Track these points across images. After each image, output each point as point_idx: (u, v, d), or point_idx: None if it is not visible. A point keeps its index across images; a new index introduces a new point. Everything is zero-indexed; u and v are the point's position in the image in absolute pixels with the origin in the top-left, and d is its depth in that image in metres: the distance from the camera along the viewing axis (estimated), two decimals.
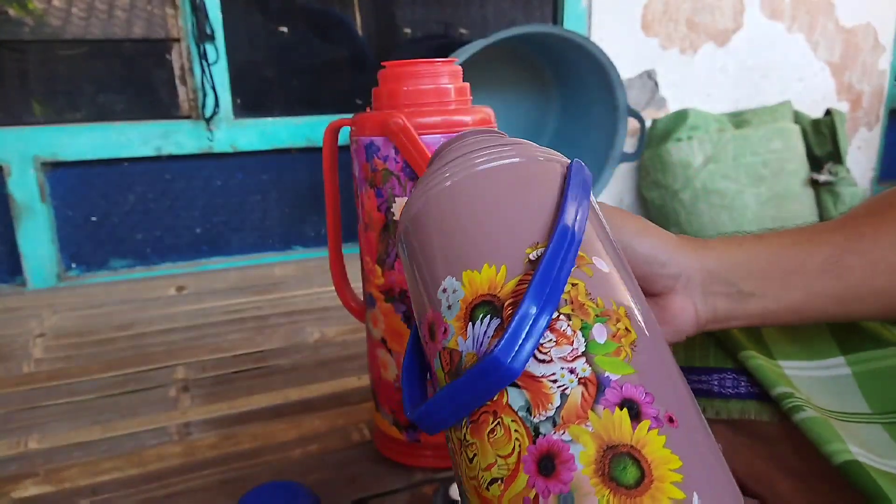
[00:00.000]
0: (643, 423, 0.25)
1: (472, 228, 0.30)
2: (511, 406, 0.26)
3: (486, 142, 0.34)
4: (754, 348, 0.43)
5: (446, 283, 0.30)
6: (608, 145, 1.42)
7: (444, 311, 0.30)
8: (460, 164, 0.33)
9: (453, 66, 0.54)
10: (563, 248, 0.28)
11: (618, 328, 0.28)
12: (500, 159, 0.32)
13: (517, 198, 0.31)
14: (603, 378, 0.26)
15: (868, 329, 0.43)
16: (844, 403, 0.41)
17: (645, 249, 0.36)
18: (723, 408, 0.44)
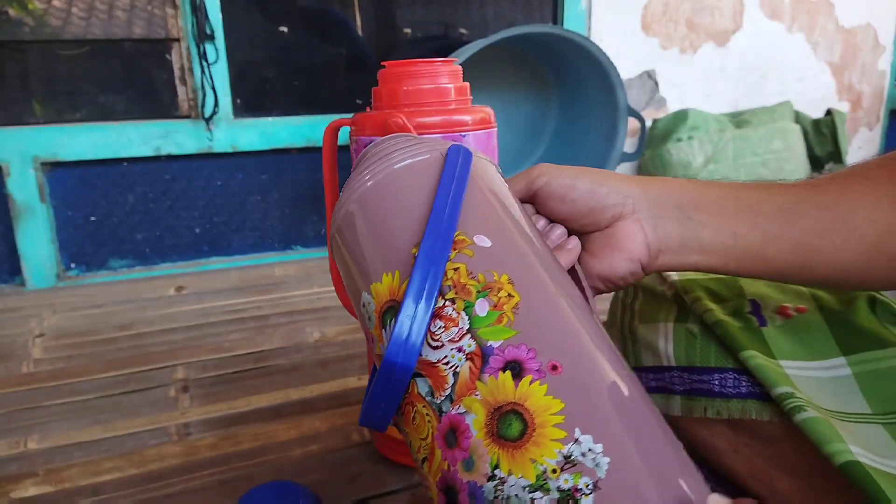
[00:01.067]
0: (525, 379, 0.28)
1: (370, 245, 0.33)
2: (420, 394, 0.29)
3: (377, 153, 0.36)
4: (755, 348, 0.43)
5: (363, 298, 0.33)
6: (608, 145, 1.42)
7: (368, 323, 0.33)
8: (355, 183, 0.35)
9: (453, 65, 0.54)
10: (435, 240, 0.30)
11: (499, 297, 0.30)
12: (383, 170, 0.34)
13: (402, 203, 0.33)
14: (486, 348, 0.29)
15: (869, 330, 0.43)
16: (845, 403, 0.41)
17: (584, 185, 0.38)
18: (723, 407, 0.44)
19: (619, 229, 0.38)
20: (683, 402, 0.47)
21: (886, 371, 0.41)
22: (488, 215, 0.34)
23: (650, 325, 0.50)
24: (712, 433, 0.47)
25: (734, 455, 0.46)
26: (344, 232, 0.35)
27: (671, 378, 0.48)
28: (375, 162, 0.36)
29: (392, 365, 0.28)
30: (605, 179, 0.38)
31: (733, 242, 0.38)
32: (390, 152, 0.36)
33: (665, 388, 0.49)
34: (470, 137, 0.53)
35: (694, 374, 0.46)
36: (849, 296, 0.46)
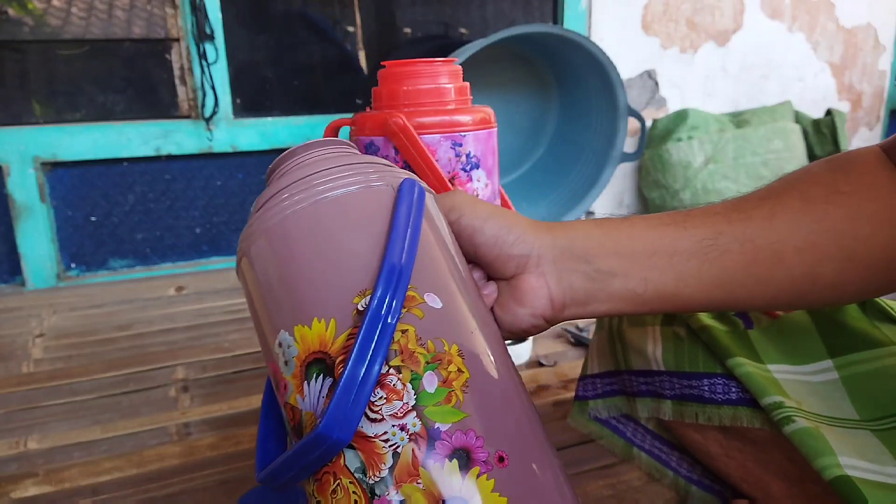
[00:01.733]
0: (472, 471, 0.25)
1: (299, 278, 0.29)
2: (348, 467, 0.26)
3: (317, 164, 0.32)
4: (742, 353, 0.43)
5: (280, 337, 0.29)
6: (608, 145, 1.42)
7: (282, 366, 0.29)
8: (289, 195, 0.30)
9: (453, 65, 0.54)
10: (388, 297, 0.26)
11: (449, 372, 0.27)
12: (330, 190, 0.30)
13: (344, 238, 0.29)
14: (433, 430, 0.26)
15: (858, 329, 0.43)
16: (834, 408, 0.40)
17: (492, 231, 0.35)
18: (714, 414, 0.44)
19: (523, 282, 0.36)
20: (674, 407, 0.47)
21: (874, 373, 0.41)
22: (439, 269, 0.30)
23: (638, 328, 0.50)
24: (705, 438, 0.47)
25: (727, 459, 0.46)
26: (261, 256, 0.30)
27: (661, 383, 0.48)
28: (305, 180, 0.31)
29: (326, 438, 0.25)
30: (513, 225, 0.36)
31: (643, 289, 0.36)
32: (324, 170, 0.31)
33: (655, 392, 0.48)
34: (470, 137, 0.53)
35: (683, 380, 0.46)
36: None
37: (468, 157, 0.53)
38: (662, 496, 0.54)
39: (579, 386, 0.56)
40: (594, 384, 0.55)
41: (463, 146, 0.52)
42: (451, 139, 0.52)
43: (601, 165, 1.44)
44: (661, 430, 0.53)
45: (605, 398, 0.54)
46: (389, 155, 0.52)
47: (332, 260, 0.28)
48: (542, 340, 0.90)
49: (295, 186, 0.30)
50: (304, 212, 0.29)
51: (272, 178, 0.34)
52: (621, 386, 0.53)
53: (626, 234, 0.36)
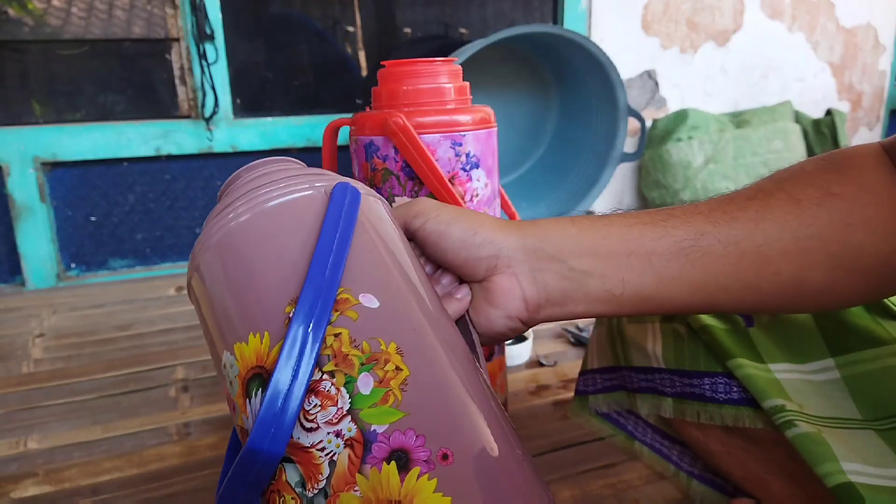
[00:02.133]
0: (412, 472, 0.24)
1: (236, 294, 0.28)
2: (289, 483, 0.25)
3: (252, 182, 0.32)
4: (742, 353, 0.43)
5: (225, 358, 0.28)
6: (608, 145, 1.42)
7: (230, 387, 0.28)
8: (224, 215, 0.30)
9: (453, 65, 0.54)
10: (314, 299, 0.26)
11: (386, 371, 0.26)
12: (259, 205, 0.29)
13: (273, 249, 0.28)
14: (369, 434, 0.25)
15: (859, 326, 0.42)
16: (836, 409, 0.40)
17: (458, 234, 0.34)
18: (716, 413, 0.44)
19: (495, 284, 0.35)
20: (675, 405, 0.47)
21: (877, 372, 0.41)
22: (377, 269, 0.29)
23: (637, 324, 0.50)
24: (706, 435, 0.47)
25: (728, 458, 0.46)
26: (203, 279, 0.29)
27: (661, 380, 0.47)
28: (242, 196, 0.30)
29: (256, 452, 0.24)
30: (478, 227, 0.35)
31: (621, 290, 0.35)
32: (261, 185, 0.31)
33: (655, 389, 0.48)
34: (469, 137, 0.53)
35: (684, 378, 0.46)
36: None
37: (468, 156, 0.53)
38: (662, 495, 0.54)
39: (579, 381, 0.56)
40: (594, 379, 0.55)
41: (463, 146, 0.52)
42: (450, 139, 0.52)
43: (601, 165, 1.44)
44: (662, 425, 0.53)
45: (605, 393, 0.54)
46: (389, 155, 0.52)
47: (264, 271, 0.28)
48: (541, 340, 0.90)
49: (236, 202, 0.30)
50: (242, 224, 0.29)
51: (220, 199, 0.34)
52: (621, 382, 0.53)
53: (602, 234, 0.35)
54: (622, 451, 0.54)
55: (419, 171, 0.51)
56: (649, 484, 0.56)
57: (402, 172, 0.52)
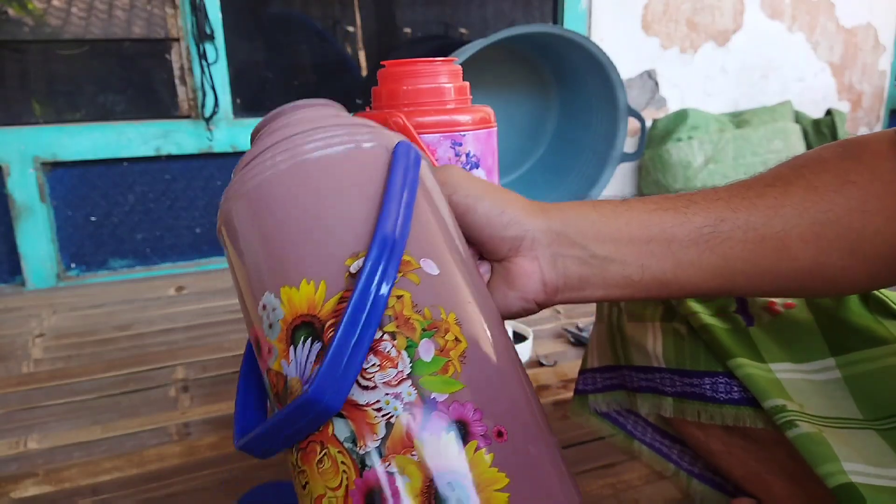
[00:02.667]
0: (470, 445, 0.24)
1: (287, 238, 0.27)
2: (337, 437, 0.25)
3: (304, 123, 0.31)
4: (742, 353, 0.43)
5: (265, 299, 0.27)
6: (608, 145, 1.42)
7: (266, 329, 0.27)
8: (273, 154, 0.29)
9: (453, 65, 0.54)
10: (383, 260, 0.25)
11: (446, 340, 0.26)
12: (318, 149, 0.28)
13: (336, 199, 0.27)
14: (429, 401, 0.24)
15: (860, 326, 0.42)
16: (837, 409, 0.40)
17: (484, 210, 0.34)
18: (717, 413, 0.44)
19: (515, 266, 0.34)
20: (675, 404, 0.47)
21: (878, 372, 0.41)
22: (436, 236, 0.29)
23: (638, 323, 0.50)
24: (706, 435, 0.47)
25: (728, 457, 0.46)
26: (244, 218, 0.28)
27: (661, 379, 0.47)
28: (301, 135, 0.29)
29: (313, 403, 0.24)
30: (506, 206, 0.34)
31: (640, 275, 0.35)
32: (314, 129, 0.30)
33: (655, 388, 0.48)
34: (469, 137, 0.53)
35: (685, 377, 0.46)
36: None
37: (468, 156, 0.53)
38: (662, 495, 0.54)
39: (579, 380, 0.56)
40: (594, 378, 0.54)
41: (463, 146, 0.52)
42: (450, 139, 0.52)
43: (601, 165, 1.44)
44: (662, 424, 0.53)
45: (605, 392, 0.54)
46: None
47: (321, 222, 0.27)
48: (542, 340, 0.90)
49: (279, 146, 0.29)
50: (289, 172, 0.28)
51: (257, 138, 0.32)
52: (621, 381, 0.53)
53: (624, 219, 0.35)
54: (622, 451, 0.54)
55: None
56: (649, 484, 0.56)
57: None
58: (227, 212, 0.30)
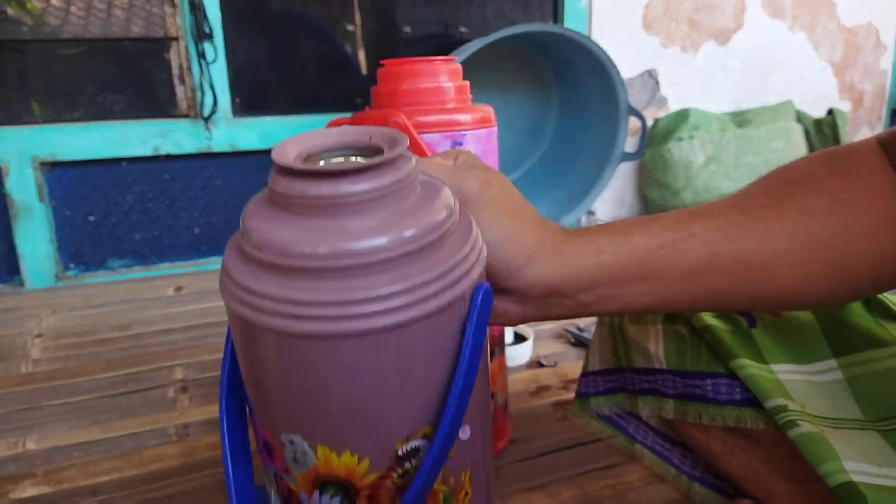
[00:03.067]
0: None
1: (345, 404, 0.24)
2: None
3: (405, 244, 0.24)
4: (745, 354, 0.43)
5: (295, 439, 0.25)
6: (609, 145, 1.42)
7: (289, 457, 0.25)
8: (358, 301, 0.23)
9: (453, 64, 0.54)
10: (440, 457, 0.24)
11: (459, 500, 0.27)
12: (403, 311, 0.23)
13: (404, 376, 0.24)
14: None
15: (862, 328, 0.42)
16: (838, 409, 0.40)
17: (495, 260, 0.33)
18: (718, 414, 0.44)
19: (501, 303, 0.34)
20: (677, 406, 0.47)
21: (879, 373, 0.41)
22: (478, 395, 0.27)
23: (639, 325, 0.50)
24: (707, 436, 0.47)
25: (730, 458, 0.46)
26: (303, 351, 0.24)
27: (663, 381, 0.47)
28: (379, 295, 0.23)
29: None
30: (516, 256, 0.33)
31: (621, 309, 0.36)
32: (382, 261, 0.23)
33: (657, 390, 0.48)
34: (470, 136, 0.52)
35: (686, 379, 0.46)
36: None
37: None
38: (663, 497, 0.54)
39: (581, 383, 0.56)
40: (596, 381, 0.54)
41: (463, 145, 0.52)
42: (451, 138, 0.52)
43: (602, 165, 1.43)
44: (663, 427, 0.53)
45: (607, 395, 0.54)
46: None
47: (384, 401, 0.24)
48: (542, 341, 0.90)
49: (360, 288, 0.23)
50: (367, 335, 0.23)
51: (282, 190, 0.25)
52: (623, 384, 0.53)
53: (622, 261, 0.35)
54: (623, 454, 0.54)
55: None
56: (650, 485, 0.56)
57: None
58: (283, 327, 0.24)
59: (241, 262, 0.26)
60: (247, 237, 0.26)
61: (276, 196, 0.25)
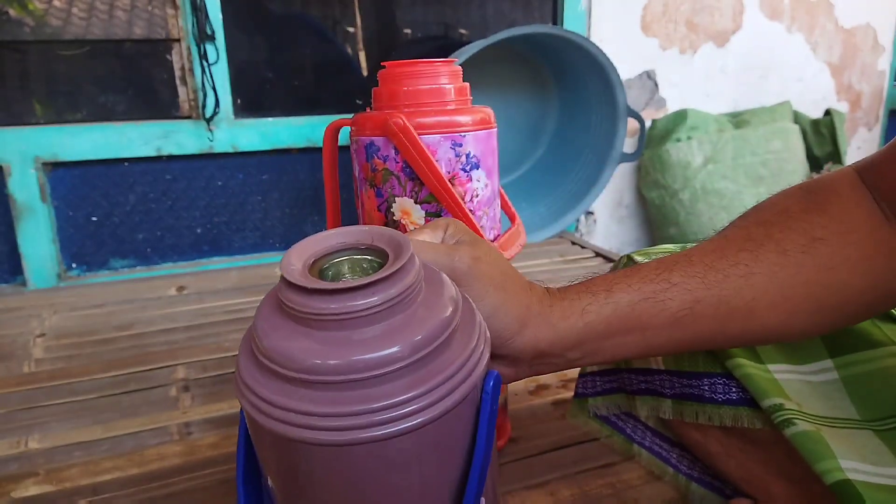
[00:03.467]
0: None
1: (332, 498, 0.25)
2: None
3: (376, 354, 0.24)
4: (741, 354, 0.43)
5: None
6: (608, 145, 1.42)
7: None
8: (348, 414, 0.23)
9: (453, 66, 0.55)
10: None
11: None
12: (408, 417, 0.23)
13: (422, 474, 0.25)
14: None
15: (858, 329, 0.43)
16: (835, 409, 0.41)
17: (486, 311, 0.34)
18: (715, 414, 0.44)
19: (493, 366, 0.35)
20: (674, 406, 0.47)
21: (874, 373, 0.41)
22: (490, 475, 0.28)
23: None
24: (705, 437, 0.47)
25: (727, 458, 0.46)
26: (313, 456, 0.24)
27: (660, 381, 0.48)
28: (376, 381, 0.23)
29: None
30: (507, 327, 0.34)
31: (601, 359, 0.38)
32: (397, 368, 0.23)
33: (655, 390, 0.48)
34: (470, 137, 0.53)
35: (683, 378, 0.46)
36: None
37: (468, 157, 0.53)
38: (662, 496, 0.55)
39: (579, 383, 0.56)
40: (594, 382, 0.55)
41: (463, 146, 0.53)
42: (451, 139, 0.52)
43: (601, 165, 1.44)
44: (661, 428, 0.53)
45: (604, 396, 0.54)
46: (389, 155, 0.53)
47: (395, 494, 0.25)
48: None
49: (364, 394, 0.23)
50: (387, 439, 0.23)
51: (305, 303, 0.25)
52: (620, 384, 0.53)
53: (605, 321, 0.36)
54: (620, 455, 0.54)
55: (419, 172, 0.51)
56: (649, 484, 0.56)
57: (402, 173, 0.53)
58: (293, 435, 0.24)
59: (251, 364, 0.26)
60: (258, 344, 0.26)
61: (285, 308, 0.25)
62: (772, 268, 0.36)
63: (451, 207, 0.52)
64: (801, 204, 0.39)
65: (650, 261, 0.39)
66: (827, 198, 0.38)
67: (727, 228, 0.40)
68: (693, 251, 0.38)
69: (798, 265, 0.36)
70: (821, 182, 0.39)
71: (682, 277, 0.37)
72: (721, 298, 0.36)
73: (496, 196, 0.57)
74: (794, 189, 0.40)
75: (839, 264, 0.36)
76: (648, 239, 1.73)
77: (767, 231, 0.38)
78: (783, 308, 0.36)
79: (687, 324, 0.36)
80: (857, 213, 0.37)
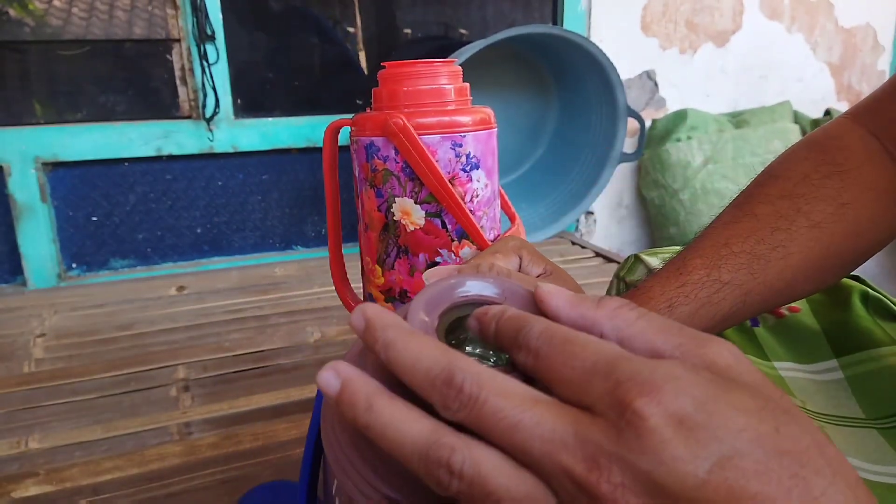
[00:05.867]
0: None
1: None
2: None
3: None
4: (748, 350, 0.43)
5: None
6: (608, 145, 1.42)
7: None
8: None
9: (453, 66, 0.55)
10: None
11: None
12: None
13: None
14: None
15: (863, 328, 0.43)
16: (839, 407, 0.41)
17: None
18: None
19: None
20: None
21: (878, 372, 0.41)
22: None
23: None
24: None
25: None
26: None
27: None
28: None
29: None
30: None
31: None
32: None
33: None
34: (470, 138, 0.53)
35: None
36: (842, 294, 0.46)
37: (468, 157, 0.53)
38: None
39: None
40: None
41: (463, 147, 0.53)
42: (450, 140, 0.52)
43: (601, 165, 1.44)
44: None
45: None
46: (389, 155, 0.53)
47: None
48: None
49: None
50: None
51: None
52: None
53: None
54: None
55: (419, 172, 0.51)
56: None
57: (402, 173, 0.53)
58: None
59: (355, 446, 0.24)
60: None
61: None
62: (807, 243, 0.37)
63: (451, 208, 0.52)
64: (820, 168, 0.39)
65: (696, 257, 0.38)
66: (842, 156, 0.38)
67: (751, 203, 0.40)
68: (730, 236, 0.38)
69: (830, 235, 0.37)
70: (828, 137, 0.39)
71: (731, 274, 0.37)
72: (766, 285, 0.37)
73: (496, 196, 0.57)
74: (801, 149, 0.40)
75: (865, 228, 0.37)
76: (648, 239, 1.74)
77: (795, 204, 0.38)
78: (816, 279, 0.37)
79: (737, 317, 0.37)
80: (870, 168, 0.37)
